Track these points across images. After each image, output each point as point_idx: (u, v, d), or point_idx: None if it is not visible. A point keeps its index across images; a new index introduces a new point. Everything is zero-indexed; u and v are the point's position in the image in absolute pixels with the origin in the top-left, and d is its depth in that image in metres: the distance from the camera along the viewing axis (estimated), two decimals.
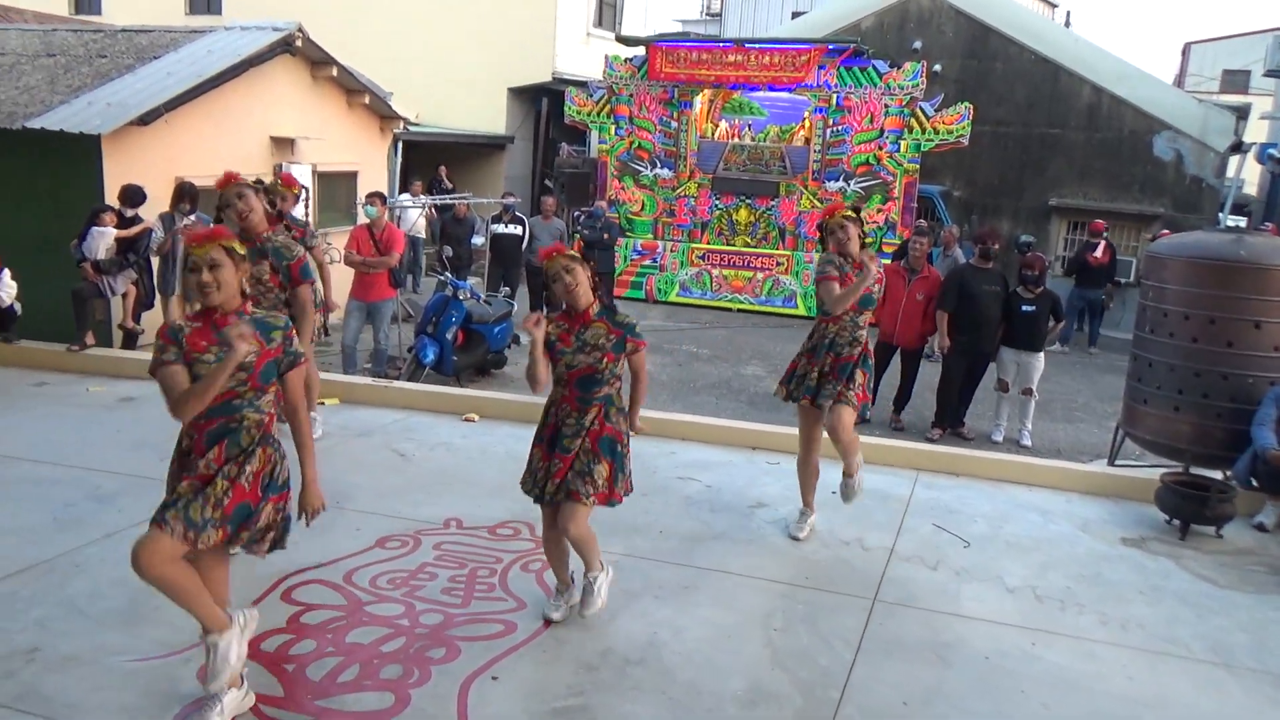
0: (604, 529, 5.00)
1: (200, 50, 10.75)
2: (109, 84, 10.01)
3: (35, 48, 11.39)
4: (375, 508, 5.23)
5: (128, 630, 3.83)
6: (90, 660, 3.60)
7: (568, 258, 3.82)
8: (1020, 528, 5.49)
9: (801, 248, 14.55)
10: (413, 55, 18.96)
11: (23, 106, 9.59)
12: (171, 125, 9.63)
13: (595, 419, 3.85)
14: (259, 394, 3.12)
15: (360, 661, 3.69)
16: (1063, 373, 11.25)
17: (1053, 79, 16.05)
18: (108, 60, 10.79)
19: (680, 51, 14.82)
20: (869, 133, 14.04)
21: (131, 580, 3.89)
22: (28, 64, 10.87)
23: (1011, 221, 16.37)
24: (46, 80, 10.31)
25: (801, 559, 4.89)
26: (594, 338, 3.83)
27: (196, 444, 3.09)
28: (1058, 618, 4.40)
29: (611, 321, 3.87)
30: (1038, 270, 8.25)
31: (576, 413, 3.85)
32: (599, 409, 3.85)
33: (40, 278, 8.46)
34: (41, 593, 4.09)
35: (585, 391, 3.85)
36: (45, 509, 4.95)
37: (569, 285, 3.81)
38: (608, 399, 3.88)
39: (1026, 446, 8.20)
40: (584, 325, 3.84)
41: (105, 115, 9.18)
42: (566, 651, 3.85)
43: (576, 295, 3.81)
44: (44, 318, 8.46)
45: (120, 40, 11.46)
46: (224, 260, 3.08)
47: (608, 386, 3.87)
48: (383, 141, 13.31)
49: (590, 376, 3.83)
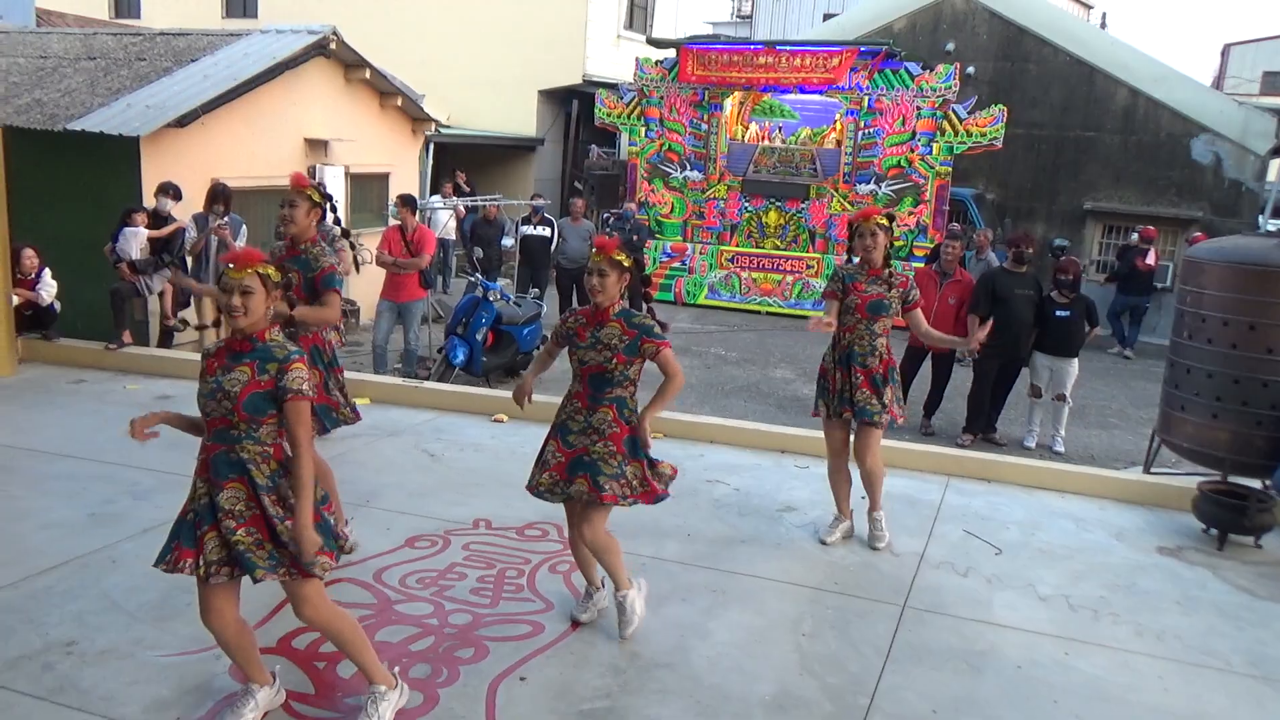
0: (630, 531, 5.01)
1: (236, 53, 10.89)
2: (148, 86, 10.16)
3: (76, 51, 11.59)
4: (405, 507, 5.26)
5: (162, 625, 3.88)
6: (126, 654, 3.65)
7: (609, 260, 3.81)
8: (1053, 535, 5.42)
9: (832, 250, 14.47)
10: (444, 58, 19.09)
11: (64, 109, 9.76)
12: (208, 127, 9.76)
13: (611, 421, 3.82)
14: (253, 425, 3.07)
15: (390, 660, 3.70)
16: (1097, 378, 11.11)
17: (1088, 81, 15.87)
18: (146, 63, 10.95)
19: (711, 54, 14.81)
20: (901, 135, 13.95)
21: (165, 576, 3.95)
22: (69, 67, 11.07)
23: (1045, 225, 16.19)
24: (87, 83, 10.49)
25: (830, 564, 4.87)
26: (607, 337, 3.83)
27: (203, 463, 3.14)
28: (1091, 627, 4.35)
29: (628, 323, 3.84)
30: (1072, 275, 8.15)
31: (585, 410, 3.86)
32: (611, 410, 3.83)
33: (80, 277, 8.61)
34: (79, 587, 4.16)
35: (596, 390, 3.85)
36: (83, 504, 5.02)
37: (595, 286, 3.83)
38: (620, 401, 3.85)
39: (1059, 453, 8.09)
40: (601, 324, 3.85)
41: (144, 117, 9.32)
42: (594, 654, 3.86)
43: (599, 295, 3.84)
44: (83, 316, 8.61)
45: (159, 43, 11.63)
46: (256, 287, 3.11)
47: (620, 389, 3.85)
48: (414, 143, 13.41)
49: (601, 375, 3.84)
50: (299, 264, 4.52)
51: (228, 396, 3.06)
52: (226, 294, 3.11)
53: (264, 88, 10.43)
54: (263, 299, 3.14)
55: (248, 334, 3.15)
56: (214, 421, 3.11)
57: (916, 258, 13.47)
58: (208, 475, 3.11)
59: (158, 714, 3.30)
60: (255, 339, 3.14)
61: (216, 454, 3.11)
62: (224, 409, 3.07)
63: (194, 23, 16.23)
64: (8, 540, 4.57)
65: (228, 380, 3.08)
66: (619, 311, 3.86)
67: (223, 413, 3.08)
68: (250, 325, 3.14)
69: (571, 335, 3.91)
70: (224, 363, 3.13)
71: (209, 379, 3.13)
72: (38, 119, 9.52)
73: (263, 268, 3.14)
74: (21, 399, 7.01)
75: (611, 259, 3.81)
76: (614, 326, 3.83)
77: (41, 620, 3.86)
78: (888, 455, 6.48)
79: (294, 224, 4.53)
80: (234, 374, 3.08)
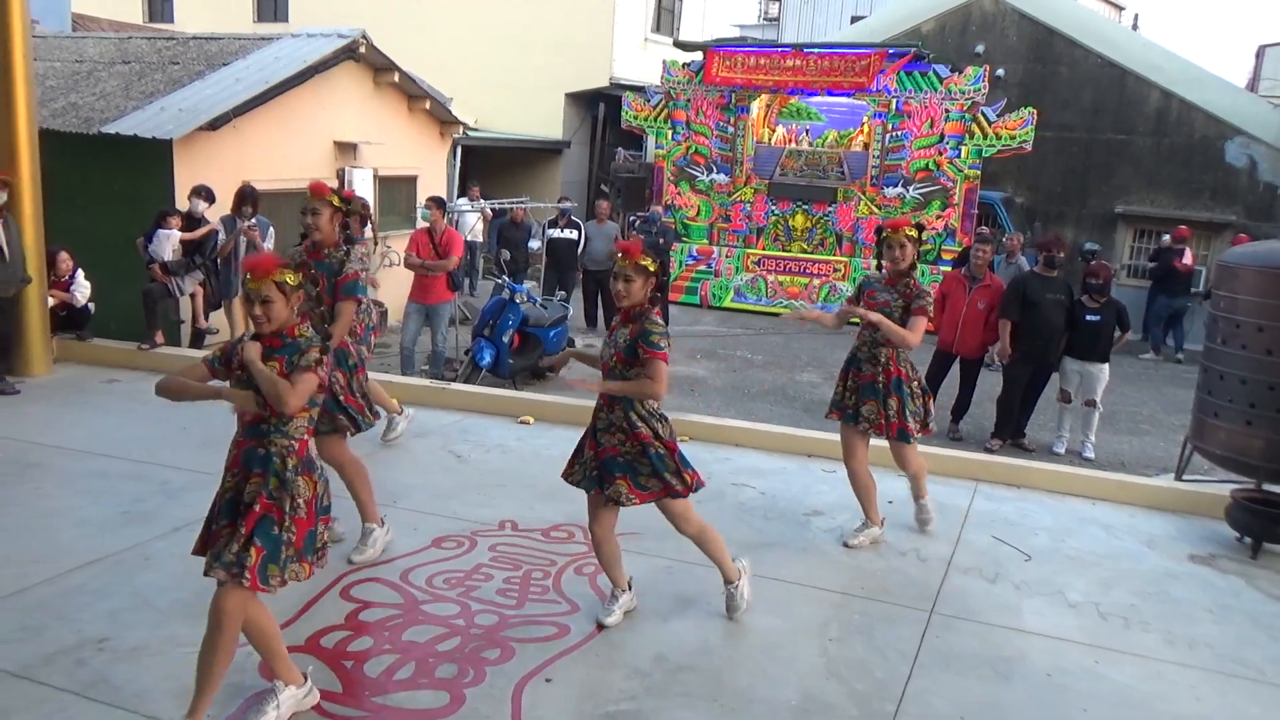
0: (656, 533, 5.01)
1: (268, 57, 11.00)
2: (181, 90, 10.29)
3: (111, 55, 11.77)
4: (431, 508, 5.29)
5: (193, 622, 3.91)
6: (158, 650, 3.70)
7: (635, 266, 3.85)
8: (1083, 542, 5.36)
9: (859, 254, 14.42)
10: (472, 61, 19.19)
11: (99, 112, 9.91)
12: (239, 130, 9.87)
13: (623, 421, 3.89)
14: (284, 420, 3.15)
15: (416, 660, 3.73)
16: (1127, 384, 10.98)
17: (1119, 83, 15.70)
18: (180, 67, 11.10)
19: (738, 56, 14.80)
20: (929, 138, 13.87)
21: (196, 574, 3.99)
22: (104, 71, 11.23)
23: (1075, 229, 16.03)
24: (122, 87, 10.64)
25: (857, 569, 4.84)
26: (619, 336, 3.92)
27: (234, 459, 3.21)
28: (1122, 635, 4.30)
29: (638, 325, 3.89)
30: (1103, 279, 8.07)
31: (606, 408, 3.95)
32: (620, 410, 3.89)
33: (113, 278, 8.73)
34: (112, 584, 4.22)
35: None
36: (115, 503, 5.09)
37: (620, 291, 3.89)
38: (627, 402, 3.88)
39: (1089, 459, 8.01)
40: (624, 323, 3.94)
41: (177, 120, 9.44)
42: (619, 656, 3.86)
43: (624, 300, 3.90)
44: (116, 317, 8.72)
45: (192, 48, 11.78)
46: (275, 296, 3.18)
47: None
48: (442, 146, 13.50)
49: (609, 373, 3.94)
50: (323, 268, 4.57)
51: (258, 391, 3.13)
52: (249, 304, 3.20)
53: (294, 91, 10.54)
54: (283, 305, 3.20)
55: (278, 332, 3.22)
56: (247, 417, 3.18)
57: (944, 261, 13.39)
58: (239, 469, 3.19)
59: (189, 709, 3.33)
60: (285, 335, 3.22)
61: (248, 448, 3.18)
62: (256, 403, 3.13)
63: (226, 27, 16.42)
64: (42, 537, 4.64)
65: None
66: (636, 313, 3.92)
67: (256, 408, 3.14)
68: (277, 328, 3.21)
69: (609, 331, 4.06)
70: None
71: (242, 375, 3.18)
72: (73, 122, 9.67)
73: (279, 274, 3.20)
74: (56, 398, 7.12)
75: (637, 264, 3.85)
76: (627, 329, 3.91)
77: (74, 617, 3.91)
78: None
79: (319, 231, 4.59)
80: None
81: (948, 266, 12.30)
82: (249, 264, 3.22)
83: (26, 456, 5.77)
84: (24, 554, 4.44)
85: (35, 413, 6.73)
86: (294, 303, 3.25)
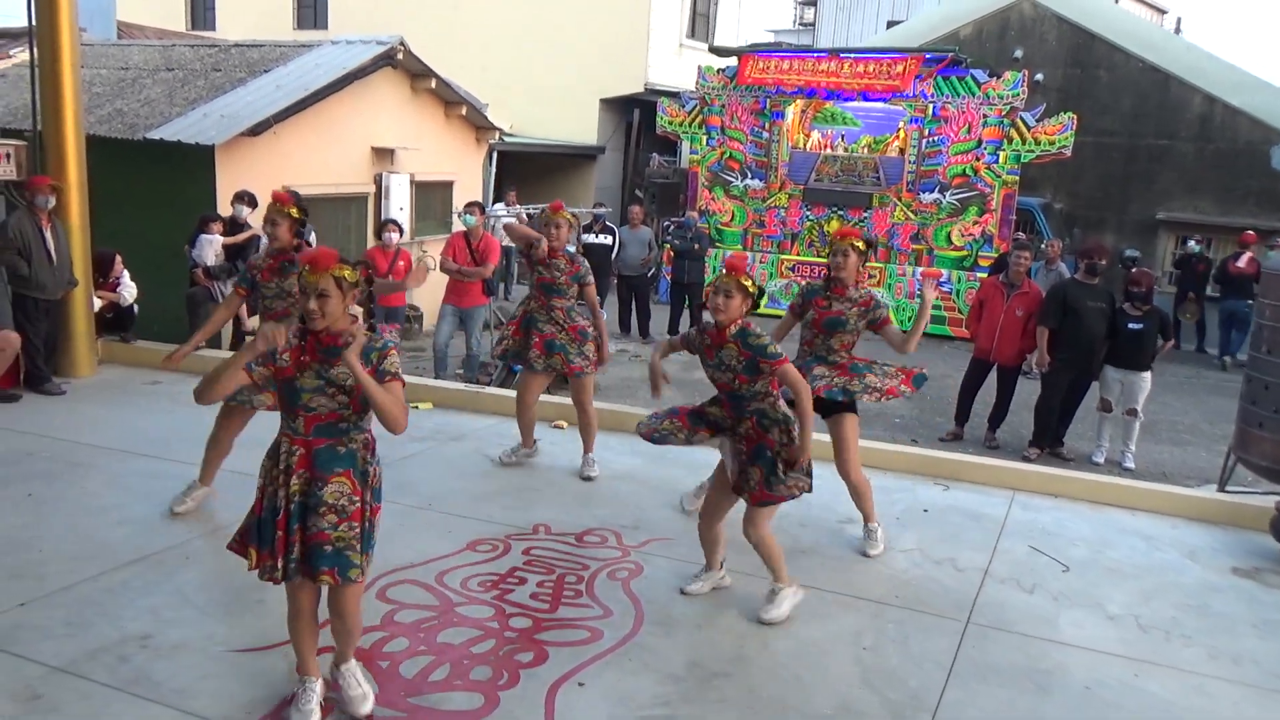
0: (690, 539, 5.01)
1: (308, 64, 11.16)
2: (223, 97, 10.47)
3: (156, 62, 12.00)
4: (466, 511, 5.33)
5: (232, 621, 3.98)
6: (198, 648, 3.76)
7: (736, 283, 3.98)
8: (1122, 553, 5.29)
9: (894, 260, 14.32)
10: (507, 67, 19.34)
11: (144, 119, 10.11)
12: (280, 136, 10.02)
13: (750, 429, 4.05)
14: (362, 415, 3.19)
15: (451, 661, 3.76)
16: (1169, 393, 10.81)
17: (1161, 87, 15.49)
18: (222, 74, 11.29)
19: (773, 61, 14.77)
20: (966, 143, 13.76)
21: (237, 572, 4.06)
22: (148, 78, 11.46)
23: (1116, 235, 15.83)
24: (165, 93, 10.85)
25: (892, 577, 4.81)
26: (727, 357, 4.02)
27: (302, 459, 3.14)
28: (1163, 648, 4.23)
29: (743, 343, 3.97)
30: (1145, 287, 7.95)
31: (732, 420, 4.13)
32: (752, 421, 4.05)
33: (156, 282, 8.90)
34: (153, 582, 4.29)
35: (735, 403, 4.09)
36: (157, 502, 5.18)
37: (718, 305, 3.99)
38: (760, 413, 4.03)
39: (1129, 469, 7.89)
40: (721, 344, 4.03)
41: (219, 126, 9.61)
42: (653, 661, 3.86)
43: (721, 314, 4.00)
44: (159, 319, 8.88)
45: (233, 55, 11.98)
46: (332, 291, 3.09)
47: (757, 402, 4.04)
48: (478, 152, 13.60)
49: (731, 394, 4.09)
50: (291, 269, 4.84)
51: (343, 390, 3.10)
52: (304, 295, 3.11)
53: (333, 97, 10.68)
54: (339, 300, 3.11)
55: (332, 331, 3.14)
56: (318, 417, 3.12)
57: (981, 268, 13.26)
58: (309, 470, 3.13)
59: (227, 706, 3.39)
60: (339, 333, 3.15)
61: (321, 449, 3.13)
62: (338, 403, 3.12)
63: (267, 33, 16.66)
64: (87, 535, 4.74)
65: (336, 374, 3.10)
66: (736, 332, 3.99)
67: (335, 406, 3.13)
68: (329, 325, 3.12)
69: (701, 351, 4.14)
70: (318, 358, 3.12)
71: (304, 374, 3.11)
72: (119, 128, 9.87)
73: (338, 269, 3.11)
74: (100, 399, 7.26)
75: (739, 282, 3.96)
76: (731, 348, 4.00)
77: (118, 614, 3.99)
78: (952, 467, 6.43)
79: (278, 240, 4.94)
80: (339, 368, 3.09)
81: (985, 273, 12.18)
82: (307, 257, 3.17)
83: (72, 456, 5.89)
84: (72, 551, 4.53)
85: (81, 413, 6.87)
86: (349, 301, 3.18)
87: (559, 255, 5.87)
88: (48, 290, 7.25)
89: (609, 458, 6.34)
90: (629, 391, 9.85)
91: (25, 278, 7.08)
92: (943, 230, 14.05)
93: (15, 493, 5.23)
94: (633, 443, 6.66)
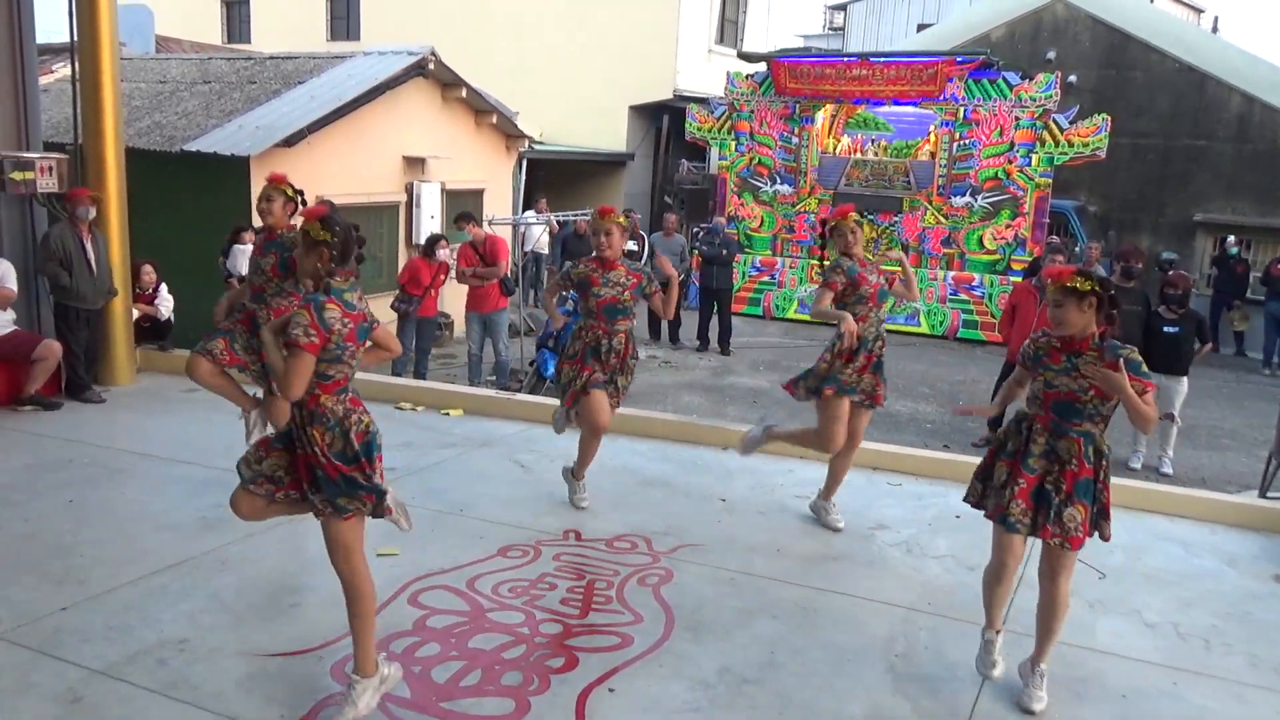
0: (720, 545, 5.01)
1: (341, 75, 11.31)
2: (258, 109, 10.64)
3: (193, 75, 12.21)
4: (497, 516, 5.36)
5: (268, 626, 4.03)
6: (234, 653, 3.81)
7: (1062, 290, 3.47)
8: (1160, 560, 5.21)
9: (925, 264, 14.22)
10: (537, 75, 19.44)
11: (181, 130, 10.29)
12: (313, 146, 10.16)
13: (1075, 458, 3.55)
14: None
15: (482, 667, 3.78)
16: (1207, 397, 10.63)
17: (1198, 87, 15.27)
18: (257, 86, 11.46)
19: (803, 66, 14.74)
20: (998, 146, 13.64)
21: (272, 577, 4.10)
22: (186, 91, 11.66)
23: (1152, 238, 15.62)
24: (202, 106, 11.03)
25: (924, 583, 4.77)
26: (1080, 365, 3.50)
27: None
28: (1202, 657, 4.16)
29: (1099, 352, 3.48)
30: (1182, 290, 7.84)
31: (1048, 434, 3.60)
32: (1078, 443, 3.55)
33: (192, 291, 9.03)
34: (190, 587, 4.35)
35: (1061, 418, 3.58)
36: (194, 508, 5.26)
37: (1056, 318, 3.52)
38: (1088, 435, 3.55)
39: (1167, 475, 7.78)
40: (1078, 353, 3.52)
41: (254, 138, 9.76)
42: (683, 667, 3.86)
43: (1059, 326, 3.53)
44: (196, 328, 9.00)
45: (268, 67, 12.16)
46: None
47: (1089, 423, 3.56)
48: (508, 160, 13.70)
49: (1068, 404, 3.55)
50: (276, 246, 5.08)
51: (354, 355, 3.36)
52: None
53: (366, 108, 10.81)
54: (281, 213, 3.57)
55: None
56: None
57: (1014, 271, 13.14)
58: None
59: (264, 710, 3.43)
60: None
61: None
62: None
63: (300, 45, 16.90)
64: (127, 540, 4.82)
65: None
66: (1098, 341, 3.49)
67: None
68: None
69: (1043, 356, 3.63)
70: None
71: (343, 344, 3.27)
72: (157, 140, 10.05)
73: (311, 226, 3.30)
74: (139, 406, 7.38)
75: (1065, 287, 3.45)
76: (1090, 355, 3.49)
77: (157, 618, 4.05)
78: None
79: (272, 215, 5.15)
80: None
81: (1017, 277, 12.06)
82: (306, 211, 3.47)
83: (114, 462, 5.99)
84: (112, 556, 4.61)
85: (120, 420, 6.99)
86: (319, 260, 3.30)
87: (616, 265, 5.21)
88: (88, 300, 7.38)
89: (639, 464, 6.35)
90: (658, 397, 9.86)
91: (66, 288, 7.22)
92: (974, 234, 13.93)
93: (57, 499, 5.34)
94: (664, 448, 6.68)
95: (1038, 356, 3.66)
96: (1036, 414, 3.66)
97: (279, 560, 4.65)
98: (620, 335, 5.25)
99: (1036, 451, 3.61)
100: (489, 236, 9.18)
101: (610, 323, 5.20)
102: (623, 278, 5.20)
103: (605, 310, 5.18)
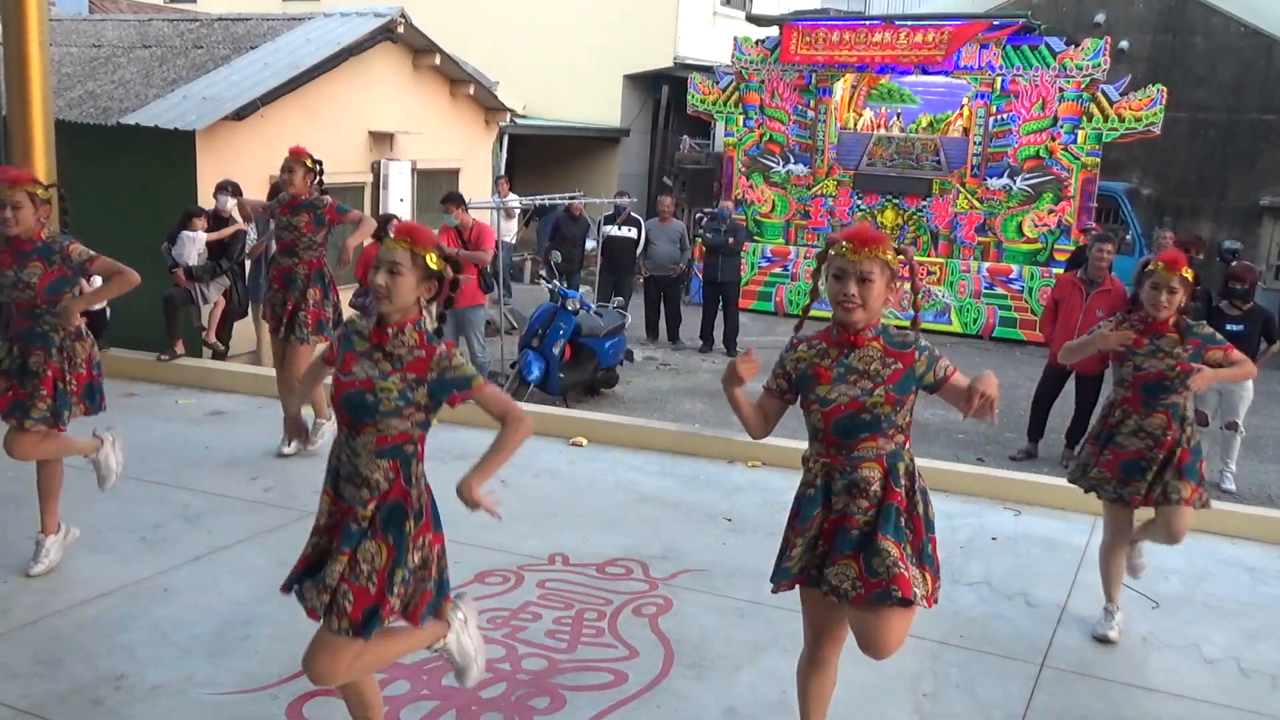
0: (725, 572, 5.03)
1: (298, 40, 11.30)
2: (205, 77, 10.63)
3: (131, 39, 12.20)
4: (474, 539, 5.35)
5: (214, 660, 4.04)
6: (176, 690, 3.81)
7: (1180, 278, 4.23)
8: (1222, 587, 5.23)
9: (957, 254, 14.26)
10: (519, 40, 19.43)
11: (118, 101, 10.28)
12: (267, 119, 10.14)
13: (1166, 426, 4.36)
14: None
15: (457, 707, 3.79)
16: (1275, 404, 10.66)
17: (1266, 54, 15.33)
18: (204, 51, 11.46)
19: (819, 31, 14.77)
20: (1040, 121, 13.68)
21: (219, 606, 4.10)
22: (123, 56, 11.65)
23: (1213, 225, 15.67)
24: (142, 73, 11.03)
25: (955, 614, 4.78)
26: (1169, 345, 4.31)
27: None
28: (1268, 698, 4.18)
29: (1189, 335, 4.31)
30: (1247, 283, 7.88)
31: (1138, 414, 4.37)
32: (1166, 415, 4.35)
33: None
34: (129, 617, 4.36)
35: (1150, 396, 4.33)
36: (133, 529, 5.27)
37: (1161, 303, 4.26)
38: (1174, 407, 4.35)
39: (1230, 491, 7.81)
40: (1159, 334, 4.29)
41: (200, 110, 9.75)
42: (684, 708, 3.87)
43: (1162, 310, 4.31)
44: (133, 325, 9.00)
45: (217, 30, 12.16)
46: (406, 266, 2.97)
47: (1176, 395, 4.34)
48: (487, 135, 13.70)
49: (1158, 383, 4.34)
50: (307, 206, 6.30)
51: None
52: (376, 270, 2.98)
53: (326, 76, 10.80)
54: (413, 282, 3.00)
55: (398, 321, 3.03)
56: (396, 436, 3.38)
57: (1057, 262, 13.18)
58: None
59: None
60: (397, 330, 3.05)
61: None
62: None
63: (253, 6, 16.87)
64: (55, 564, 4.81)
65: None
66: (1184, 326, 4.30)
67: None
68: (396, 311, 3.01)
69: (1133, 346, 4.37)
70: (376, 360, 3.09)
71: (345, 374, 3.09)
72: (90, 112, 10.04)
73: (420, 246, 2.98)
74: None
75: (1184, 277, 4.20)
76: (1172, 337, 4.28)
77: (90, 652, 4.05)
78: (1025, 489, 6.39)
79: (293, 185, 6.28)
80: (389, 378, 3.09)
81: (1061, 268, 12.10)
82: (403, 228, 3.08)
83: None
84: (38, 582, 4.61)
85: None
86: (424, 291, 3.06)
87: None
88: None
89: (634, 479, 6.36)
90: (656, 404, 9.88)
91: None
92: (1013, 220, 13.97)
93: None
94: (662, 461, 6.69)
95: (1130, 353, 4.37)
96: (1125, 397, 4.40)
97: (227, 587, 4.65)
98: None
99: (1126, 430, 4.37)
100: (476, 223, 9.12)
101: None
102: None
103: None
